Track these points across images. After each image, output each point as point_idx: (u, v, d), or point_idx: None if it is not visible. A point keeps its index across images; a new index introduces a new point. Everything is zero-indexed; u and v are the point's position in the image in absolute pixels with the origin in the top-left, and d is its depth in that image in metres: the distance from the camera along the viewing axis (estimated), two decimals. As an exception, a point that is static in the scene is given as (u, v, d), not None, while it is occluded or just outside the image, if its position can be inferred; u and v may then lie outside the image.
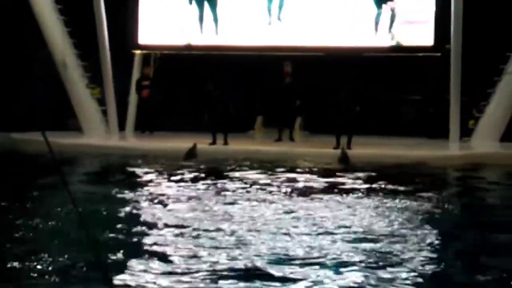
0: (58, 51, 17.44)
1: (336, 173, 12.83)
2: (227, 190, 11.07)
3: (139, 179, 12.44)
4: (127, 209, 9.52)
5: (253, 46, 17.35)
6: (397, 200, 10.22)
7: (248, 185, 11.49)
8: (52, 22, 17.46)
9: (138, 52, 18.17)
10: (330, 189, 11.24)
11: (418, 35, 16.62)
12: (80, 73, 17.74)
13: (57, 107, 18.24)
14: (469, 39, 15.87)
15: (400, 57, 16.89)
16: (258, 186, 11.40)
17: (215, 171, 13.05)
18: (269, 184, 11.63)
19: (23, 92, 18.35)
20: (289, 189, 11.17)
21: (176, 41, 17.81)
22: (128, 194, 10.59)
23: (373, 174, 12.73)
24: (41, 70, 18.33)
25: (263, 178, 12.27)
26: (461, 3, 15.59)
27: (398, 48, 16.69)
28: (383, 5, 16.76)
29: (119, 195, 10.57)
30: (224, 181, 11.91)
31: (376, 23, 16.81)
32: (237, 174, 12.68)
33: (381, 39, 16.81)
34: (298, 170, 13.30)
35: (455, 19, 15.67)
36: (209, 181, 11.79)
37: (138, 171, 13.32)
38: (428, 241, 7.88)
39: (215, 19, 17.48)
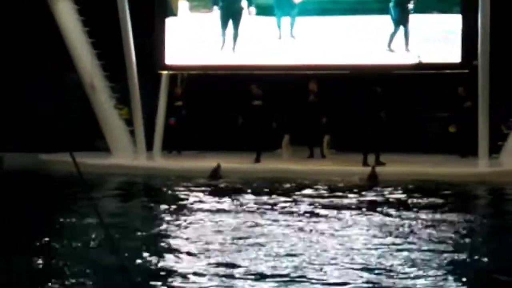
0: (86, 73, 17.62)
1: (368, 191, 12.79)
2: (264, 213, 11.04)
3: (165, 199, 12.46)
4: (155, 229, 9.53)
5: (278, 65, 17.38)
6: (432, 216, 10.19)
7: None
8: (80, 44, 17.67)
9: (165, 72, 18.27)
10: (367, 207, 11.18)
11: (445, 52, 16.54)
12: (108, 94, 17.92)
13: (85, 128, 18.38)
14: (496, 55, 15.77)
15: (427, 74, 16.83)
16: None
17: (239, 190, 12.99)
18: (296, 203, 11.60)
19: (51, 113, 18.52)
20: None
21: (202, 61, 17.89)
22: (153, 214, 10.63)
23: (405, 191, 12.70)
24: (69, 92, 18.53)
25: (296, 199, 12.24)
26: (488, 19, 15.51)
27: (425, 66, 16.61)
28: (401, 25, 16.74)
29: (146, 215, 10.61)
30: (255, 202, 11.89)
31: (390, 41, 16.80)
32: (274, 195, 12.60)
33: (407, 57, 16.74)
34: (328, 188, 13.25)
35: (482, 35, 15.59)
36: (232, 200, 11.78)
37: (165, 191, 13.36)
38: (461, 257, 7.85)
39: (235, 37, 17.56)
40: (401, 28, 16.81)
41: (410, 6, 16.59)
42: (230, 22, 17.63)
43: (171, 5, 17.96)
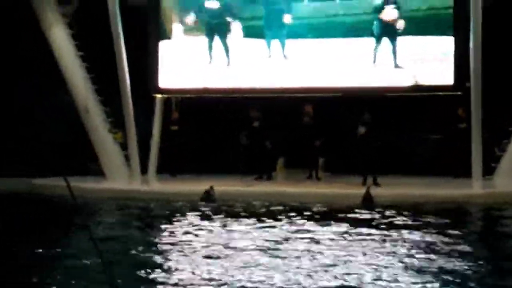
0: (81, 97, 17.65)
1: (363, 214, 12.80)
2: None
3: (159, 223, 12.44)
4: (147, 254, 9.51)
5: (270, 88, 17.40)
6: (427, 238, 10.20)
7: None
8: (74, 69, 17.71)
9: (159, 96, 18.29)
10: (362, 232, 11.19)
11: (438, 74, 16.60)
12: (102, 118, 17.91)
13: (79, 152, 18.36)
14: (489, 76, 15.84)
15: (420, 96, 16.89)
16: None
17: (230, 213, 12.96)
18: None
19: (44, 137, 18.49)
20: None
21: (196, 84, 17.91)
22: (146, 238, 10.60)
23: (399, 213, 12.71)
24: (63, 115, 18.52)
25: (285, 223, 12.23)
26: (479, 41, 15.59)
27: (418, 88, 16.67)
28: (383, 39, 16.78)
29: (141, 240, 10.58)
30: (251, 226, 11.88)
31: (374, 56, 16.83)
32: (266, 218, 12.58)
33: (401, 79, 16.79)
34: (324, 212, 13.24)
35: (475, 57, 15.66)
36: (221, 224, 11.76)
37: (160, 215, 13.35)
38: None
39: (226, 50, 17.61)
40: (388, 44, 16.81)
41: (399, 25, 16.61)
42: (217, 38, 17.65)
43: (165, 28, 18.02)
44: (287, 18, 17.10)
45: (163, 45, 17.99)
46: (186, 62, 17.92)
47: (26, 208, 14.41)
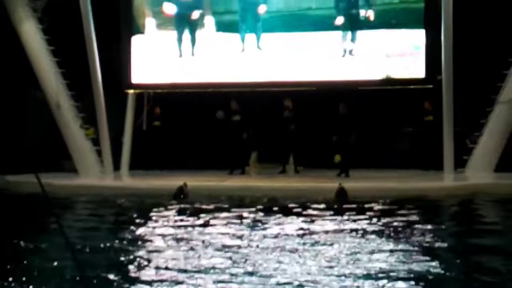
0: (52, 92, 17.52)
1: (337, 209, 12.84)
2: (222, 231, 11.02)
3: (130, 219, 12.40)
4: (119, 249, 9.47)
5: (243, 82, 17.41)
6: (396, 233, 10.23)
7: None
8: (45, 64, 17.59)
9: (131, 91, 18.22)
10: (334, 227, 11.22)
11: (409, 67, 16.70)
12: (74, 114, 17.79)
13: (51, 148, 18.24)
14: (460, 69, 15.97)
15: (392, 89, 16.99)
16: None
17: (201, 210, 12.92)
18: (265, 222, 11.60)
19: (16, 134, 18.35)
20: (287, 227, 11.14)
21: (169, 79, 17.86)
22: (120, 235, 10.56)
23: (371, 207, 12.77)
24: (34, 112, 18.40)
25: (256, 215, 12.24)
26: (451, 34, 15.70)
27: (390, 81, 16.77)
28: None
29: (113, 236, 10.53)
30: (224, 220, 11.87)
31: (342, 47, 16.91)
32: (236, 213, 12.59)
33: (373, 72, 16.87)
34: (297, 206, 13.26)
35: (446, 51, 15.78)
36: (193, 221, 11.74)
37: (132, 210, 13.30)
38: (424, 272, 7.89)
39: (193, 42, 17.57)
40: (349, 33, 16.90)
41: (365, 14, 16.68)
42: (187, 30, 17.60)
43: (137, 23, 17.93)
44: (262, 9, 17.10)
45: (135, 40, 17.92)
46: (159, 57, 17.88)
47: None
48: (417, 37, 16.62)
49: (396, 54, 16.86)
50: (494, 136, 16.18)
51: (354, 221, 11.51)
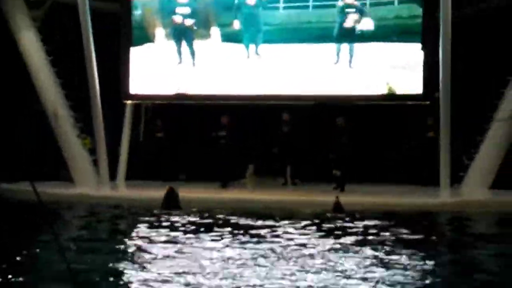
0: (50, 102, 17.52)
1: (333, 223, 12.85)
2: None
3: (127, 230, 12.40)
4: (115, 260, 9.47)
5: (243, 95, 17.40)
6: (393, 248, 10.26)
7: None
8: (44, 73, 17.58)
9: (129, 102, 18.23)
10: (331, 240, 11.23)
11: (407, 82, 16.72)
12: (71, 124, 17.78)
13: (48, 158, 18.23)
14: (457, 86, 16.00)
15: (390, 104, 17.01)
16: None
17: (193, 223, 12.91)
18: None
19: (13, 143, 18.34)
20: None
21: (167, 90, 17.86)
22: (114, 245, 10.56)
23: (368, 222, 12.78)
24: (31, 121, 18.41)
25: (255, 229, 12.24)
26: (449, 50, 15.72)
27: (388, 97, 16.76)
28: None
29: (108, 246, 10.53)
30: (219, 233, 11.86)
31: (337, 57, 16.94)
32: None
33: (372, 87, 16.88)
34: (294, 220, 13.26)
35: (444, 67, 15.79)
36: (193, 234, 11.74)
37: (127, 221, 13.30)
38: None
39: (192, 53, 17.59)
40: (346, 45, 16.95)
41: (361, 27, 16.73)
42: (184, 42, 17.66)
43: (148, 33, 17.87)
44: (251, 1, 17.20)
45: (141, 50, 17.86)
46: (164, 67, 17.85)
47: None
48: (414, 52, 16.62)
49: (395, 68, 16.85)
50: (490, 153, 16.20)
51: (349, 234, 11.53)
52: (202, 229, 12.04)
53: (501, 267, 9.59)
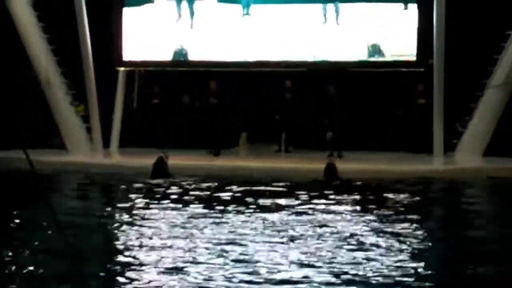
0: (42, 69, 17.40)
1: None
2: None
3: (122, 197, 12.41)
4: (107, 225, 9.49)
5: (233, 61, 17.30)
6: (385, 215, 10.30)
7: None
8: (36, 40, 17.44)
9: (122, 69, 18.12)
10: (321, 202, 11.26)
11: (401, 49, 16.67)
12: (64, 91, 17.68)
13: (41, 125, 18.16)
14: (451, 53, 15.96)
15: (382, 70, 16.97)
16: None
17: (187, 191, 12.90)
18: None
19: (6, 110, 18.25)
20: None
21: (161, 57, 17.76)
22: (109, 212, 10.57)
23: (360, 189, 12.82)
24: (24, 88, 18.29)
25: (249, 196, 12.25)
26: (443, 18, 15.67)
27: (381, 64, 16.73)
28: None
29: (102, 213, 10.55)
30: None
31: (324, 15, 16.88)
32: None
33: (365, 54, 16.82)
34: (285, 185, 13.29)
35: (437, 34, 15.75)
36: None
37: (122, 188, 13.30)
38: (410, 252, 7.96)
39: (192, 14, 17.45)
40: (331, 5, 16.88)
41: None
42: (184, 2, 17.52)
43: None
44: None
45: (127, 16, 17.70)
46: (151, 35, 17.69)
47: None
48: (409, 19, 16.54)
49: (387, 35, 16.78)
50: (483, 120, 16.20)
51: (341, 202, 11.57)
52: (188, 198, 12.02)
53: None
